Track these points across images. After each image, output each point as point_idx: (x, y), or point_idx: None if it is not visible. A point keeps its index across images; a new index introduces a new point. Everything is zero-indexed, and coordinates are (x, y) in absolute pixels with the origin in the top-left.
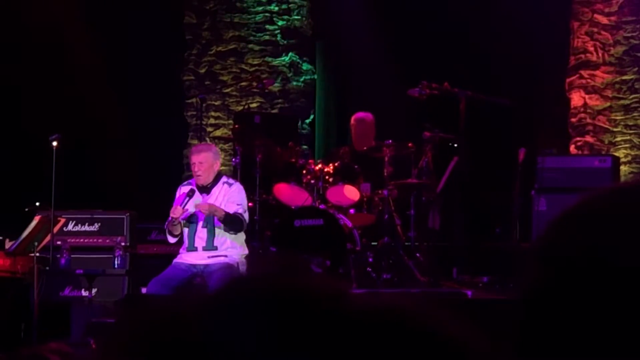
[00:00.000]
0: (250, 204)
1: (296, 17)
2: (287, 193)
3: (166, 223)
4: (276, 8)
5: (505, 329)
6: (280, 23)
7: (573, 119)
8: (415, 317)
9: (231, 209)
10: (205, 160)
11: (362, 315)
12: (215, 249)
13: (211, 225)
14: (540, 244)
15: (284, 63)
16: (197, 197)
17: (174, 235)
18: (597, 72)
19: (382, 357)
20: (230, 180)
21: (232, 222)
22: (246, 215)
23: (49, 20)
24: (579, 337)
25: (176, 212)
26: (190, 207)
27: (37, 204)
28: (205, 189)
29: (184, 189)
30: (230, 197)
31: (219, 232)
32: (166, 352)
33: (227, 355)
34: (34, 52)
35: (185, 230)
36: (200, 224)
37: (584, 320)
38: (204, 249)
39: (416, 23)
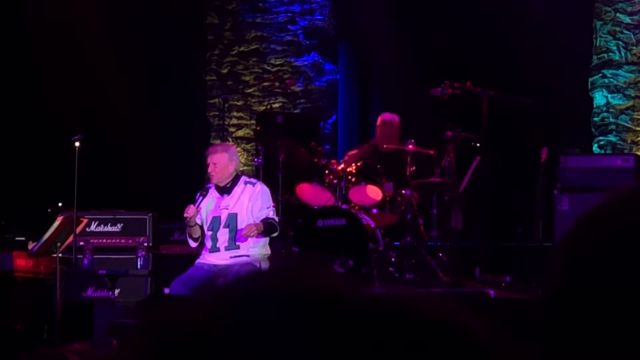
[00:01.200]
0: (272, 205)
1: (318, 17)
2: (310, 193)
3: (186, 228)
4: (298, 8)
5: (529, 328)
6: (302, 23)
7: (596, 118)
8: (436, 315)
9: (261, 215)
10: (219, 161)
11: (381, 315)
12: (238, 248)
13: (233, 225)
14: (564, 244)
15: (306, 63)
16: (213, 197)
17: (194, 239)
18: (620, 71)
19: (404, 356)
20: (252, 180)
21: (269, 230)
22: (276, 216)
23: (71, 21)
24: (601, 337)
25: (189, 211)
26: (204, 207)
27: (60, 204)
28: (226, 190)
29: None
30: (257, 200)
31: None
32: (183, 353)
33: (248, 355)
34: (57, 52)
35: (209, 232)
36: (223, 224)
37: (607, 321)
38: (227, 248)
39: (438, 22)
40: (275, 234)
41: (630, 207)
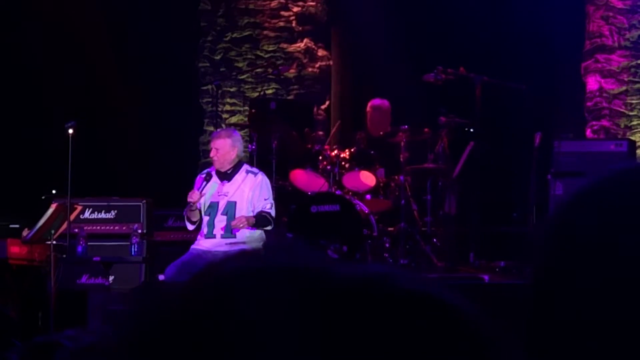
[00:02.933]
0: (272, 199)
1: (311, 3)
2: (304, 179)
3: (185, 209)
4: None
5: (522, 313)
6: (295, 9)
7: (589, 103)
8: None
9: (259, 205)
10: (222, 147)
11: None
12: (234, 236)
13: (231, 213)
14: (550, 224)
15: (299, 49)
16: (215, 182)
17: (192, 222)
18: (613, 56)
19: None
20: (254, 170)
21: (262, 224)
22: (273, 211)
23: (65, 10)
24: (590, 318)
25: (194, 196)
26: (207, 192)
27: (54, 191)
28: (226, 176)
29: (200, 177)
30: (257, 191)
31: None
32: (180, 333)
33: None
34: (51, 40)
35: (205, 217)
36: (221, 211)
37: (595, 302)
38: (222, 236)
39: (432, 8)
40: (268, 228)
41: (619, 188)
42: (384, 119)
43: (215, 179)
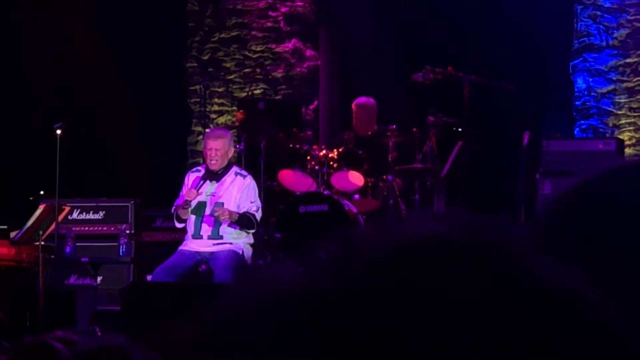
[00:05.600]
0: (259, 203)
1: (299, 3)
2: (292, 179)
3: (174, 207)
4: None
5: None
6: (283, 9)
7: (577, 102)
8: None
9: (245, 207)
10: (222, 147)
11: None
12: (221, 237)
13: None
14: (540, 224)
15: (287, 49)
16: (204, 190)
17: (181, 220)
18: (601, 56)
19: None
20: (243, 172)
21: (245, 224)
22: (259, 214)
23: (50, 7)
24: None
25: (191, 194)
26: (203, 192)
27: (42, 192)
28: (216, 176)
29: (193, 175)
30: (245, 193)
31: None
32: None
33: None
34: (36, 39)
35: (192, 217)
36: (208, 211)
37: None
38: (209, 237)
39: (420, 7)
40: (251, 231)
41: (607, 188)
42: (370, 117)
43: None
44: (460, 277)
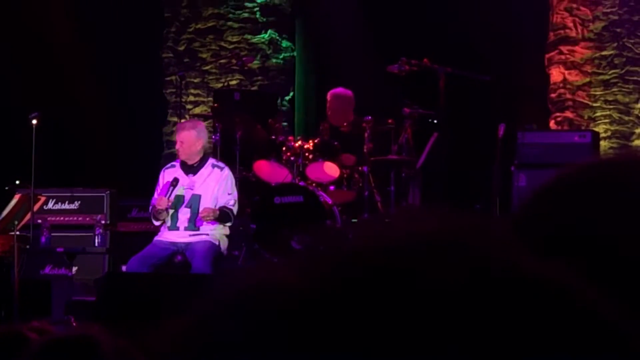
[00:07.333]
0: (236, 194)
1: None
2: (267, 170)
3: (151, 206)
4: None
5: None
6: (259, 0)
7: (553, 95)
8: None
9: (222, 200)
10: (186, 139)
11: None
12: (197, 229)
13: (195, 206)
14: (516, 219)
15: (263, 40)
16: (183, 183)
17: (158, 220)
18: (577, 48)
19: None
20: (220, 164)
21: (223, 219)
22: (236, 207)
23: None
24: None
25: (162, 203)
26: (175, 193)
27: (17, 182)
28: (192, 169)
29: (167, 174)
30: (223, 185)
31: None
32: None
33: None
34: (12, 29)
35: (170, 210)
36: (185, 204)
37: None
38: (186, 228)
39: None
40: (228, 224)
41: (585, 182)
42: (345, 108)
43: (179, 171)
44: (439, 270)
